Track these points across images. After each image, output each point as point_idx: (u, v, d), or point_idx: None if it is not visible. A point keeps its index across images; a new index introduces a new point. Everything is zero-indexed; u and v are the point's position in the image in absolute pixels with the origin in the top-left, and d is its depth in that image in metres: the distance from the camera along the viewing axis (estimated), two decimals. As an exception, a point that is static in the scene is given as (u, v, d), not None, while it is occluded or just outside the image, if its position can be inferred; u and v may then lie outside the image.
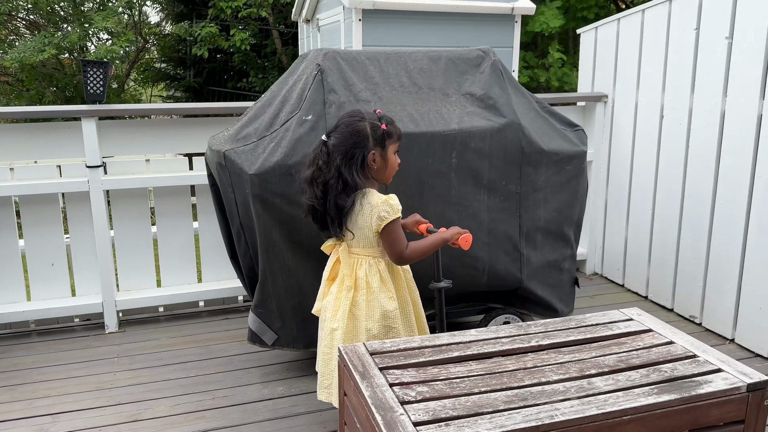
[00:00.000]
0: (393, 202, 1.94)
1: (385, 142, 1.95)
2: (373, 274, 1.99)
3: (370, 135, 1.93)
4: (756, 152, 2.76)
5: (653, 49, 3.31)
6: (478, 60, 2.64)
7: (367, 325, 1.97)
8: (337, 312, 2.00)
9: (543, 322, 1.88)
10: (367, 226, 1.95)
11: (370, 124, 1.93)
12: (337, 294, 2.02)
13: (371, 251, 2.00)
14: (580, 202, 2.72)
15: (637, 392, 1.49)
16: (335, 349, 1.99)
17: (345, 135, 1.92)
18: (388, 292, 2.00)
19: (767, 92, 2.68)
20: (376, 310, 1.97)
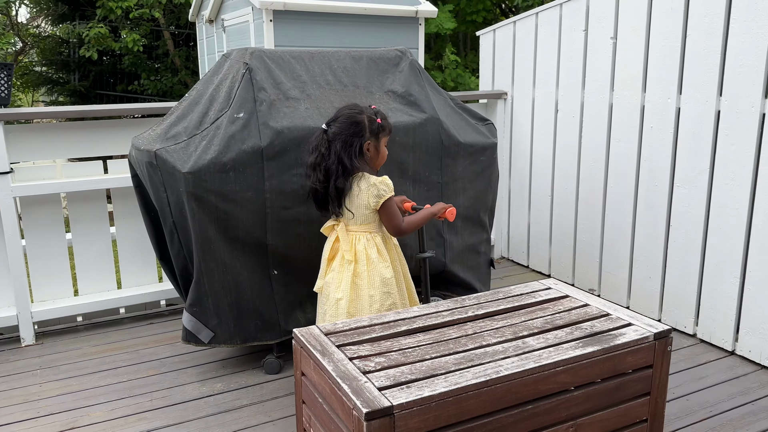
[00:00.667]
0: (388, 182, 2.19)
1: (379, 134, 2.21)
2: (371, 247, 2.22)
3: (367, 126, 2.18)
4: (640, 140, 3.13)
5: (547, 49, 3.64)
6: (397, 59, 2.81)
7: (370, 292, 2.20)
8: (341, 283, 2.21)
9: (475, 296, 2.08)
10: (365, 205, 2.19)
11: (367, 117, 2.19)
12: (339, 268, 2.23)
13: (368, 227, 2.23)
14: (493, 189, 2.96)
15: (566, 347, 1.70)
16: (340, 317, 2.20)
17: (345, 125, 2.17)
18: (385, 262, 2.23)
19: (648, 86, 3.05)
20: (376, 278, 2.20)
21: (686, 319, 3.01)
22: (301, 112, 2.48)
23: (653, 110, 3.04)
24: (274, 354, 2.70)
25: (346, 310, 2.21)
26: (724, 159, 2.73)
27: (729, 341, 2.82)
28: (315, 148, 2.19)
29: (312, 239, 2.52)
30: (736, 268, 2.75)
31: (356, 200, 2.19)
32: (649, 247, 3.14)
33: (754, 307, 2.69)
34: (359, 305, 2.21)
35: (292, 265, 2.57)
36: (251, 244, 2.47)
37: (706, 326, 2.92)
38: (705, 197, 2.84)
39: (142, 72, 10.13)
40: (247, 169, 2.36)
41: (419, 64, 2.82)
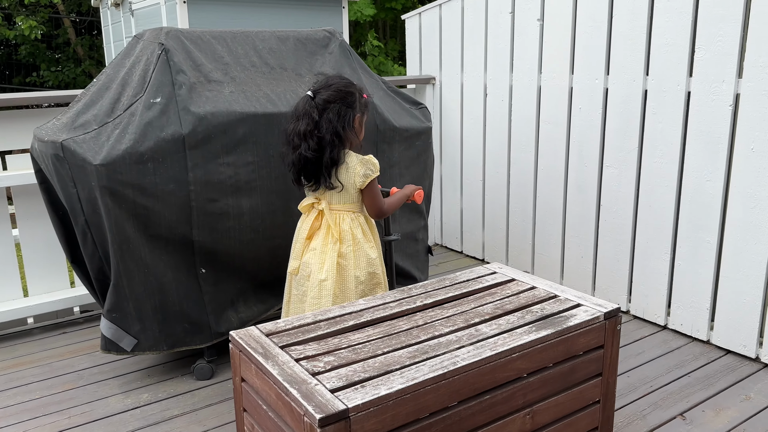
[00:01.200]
0: (374, 160, 2.12)
1: (365, 110, 2.15)
2: (356, 227, 2.15)
3: (358, 99, 2.11)
4: (569, 121, 3.15)
5: (474, 33, 3.60)
6: (326, 41, 2.67)
7: (355, 273, 2.13)
8: (324, 264, 2.12)
9: (422, 285, 1.99)
10: (351, 184, 2.10)
11: (358, 89, 2.13)
12: (322, 248, 2.13)
13: (351, 206, 2.15)
14: (429, 175, 2.89)
15: (519, 332, 1.64)
16: (324, 299, 2.11)
17: (340, 94, 2.06)
18: (370, 242, 2.17)
19: (576, 67, 3.06)
20: (362, 258, 2.14)
21: (619, 296, 3.07)
22: (225, 96, 2.30)
23: (581, 92, 3.06)
24: (205, 358, 2.52)
25: (332, 292, 2.11)
26: (652, 138, 2.78)
27: (661, 316, 2.89)
28: (304, 115, 2.04)
29: (243, 233, 2.36)
30: (666, 245, 2.81)
31: (344, 176, 2.09)
32: (581, 227, 3.18)
33: (684, 282, 2.76)
34: (344, 286, 2.13)
35: (222, 262, 2.40)
36: (175, 241, 2.27)
37: (638, 302, 2.98)
38: (634, 176, 2.89)
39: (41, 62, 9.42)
40: (167, 159, 2.16)
41: (349, 45, 2.69)
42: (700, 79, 2.56)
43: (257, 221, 2.38)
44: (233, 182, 2.29)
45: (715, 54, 2.49)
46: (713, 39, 2.48)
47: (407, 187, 2.33)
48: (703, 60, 2.54)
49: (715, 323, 2.68)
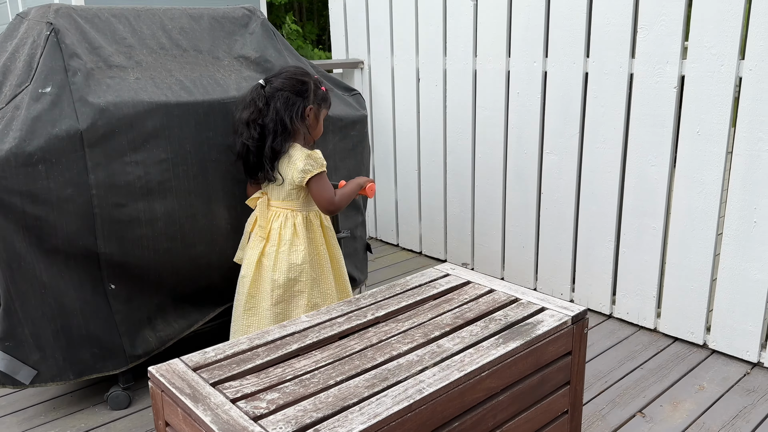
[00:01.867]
0: (317, 155, 2.01)
1: (321, 104, 2.06)
2: (287, 227, 2.03)
3: (312, 90, 2.02)
4: (507, 107, 3.01)
5: (404, 14, 3.40)
6: (245, 19, 2.38)
7: (273, 276, 2.03)
8: (248, 260, 2.06)
9: (371, 293, 1.78)
10: (289, 180, 2.00)
11: (313, 81, 2.04)
12: (251, 244, 2.07)
13: (289, 204, 2.05)
14: (366, 166, 2.67)
15: (486, 345, 1.46)
16: (240, 295, 2.09)
17: (290, 83, 1.99)
18: (298, 246, 2.04)
19: (513, 50, 2.92)
20: (283, 262, 2.02)
21: (562, 286, 2.98)
22: (130, 84, 1.97)
23: (519, 75, 2.92)
24: (121, 385, 2.20)
25: (247, 290, 2.07)
26: (594, 122, 2.68)
27: (606, 305, 2.83)
28: (250, 103, 1.98)
29: (158, 241, 2.06)
30: (610, 232, 2.74)
31: (284, 169, 2.01)
32: (521, 217, 3.06)
33: (630, 270, 2.70)
34: (261, 287, 2.07)
35: (135, 275, 2.08)
36: (77, 255, 1.94)
37: (582, 291, 2.90)
38: (576, 162, 2.79)
39: None
40: (62, 160, 1.83)
41: (271, 25, 2.42)
42: (643, 61, 2.47)
43: (174, 227, 2.08)
44: (143, 184, 1.98)
45: (659, 34, 2.40)
46: (656, 19, 2.40)
47: (358, 178, 2.17)
48: (646, 41, 2.45)
49: (662, 311, 2.64)
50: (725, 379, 2.29)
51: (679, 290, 2.55)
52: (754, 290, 2.33)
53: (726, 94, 2.27)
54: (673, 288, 2.57)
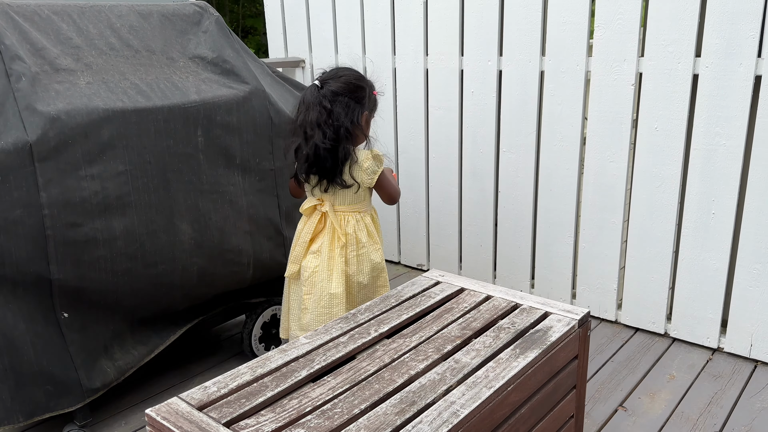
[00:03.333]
0: (379, 154, 2.00)
1: (373, 109, 2.01)
2: (360, 229, 2.00)
3: (368, 96, 1.96)
4: (461, 106, 2.99)
5: (348, 10, 3.29)
6: (197, 16, 2.20)
7: (358, 279, 1.99)
8: (333, 274, 1.97)
9: (365, 307, 1.68)
10: (361, 182, 1.96)
11: (369, 86, 1.98)
12: (329, 254, 1.97)
13: (357, 207, 2.00)
14: (327, 171, 2.56)
15: (505, 357, 1.41)
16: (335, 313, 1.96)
17: (350, 87, 1.92)
18: (375, 244, 2.03)
19: (466, 48, 2.89)
20: (366, 263, 2.00)
21: (521, 283, 3.00)
22: (81, 89, 1.76)
23: (473, 74, 2.90)
24: (77, 423, 1.98)
25: (344, 304, 1.97)
26: (551, 120, 2.71)
27: (567, 300, 2.87)
28: (314, 105, 1.88)
29: (117, 262, 1.86)
30: (569, 228, 2.77)
31: (357, 174, 1.94)
32: (478, 216, 3.05)
33: (589, 264, 2.75)
34: (351, 296, 2.01)
35: (90, 301, 1.87)
36: (27, 282, 1.72)
37: (542, 288, 2.93)
38: (533, 160, 2.81)
39: None
40: (9, 177, 1.60)
41: (225, 23, 2.25)
42: (601, 59, 2.51)
43: (134, 246, 1.89)
44: (101, 199, 1.78)
45: (616, 32, 2.45)
46: (613, 17, 2.44)
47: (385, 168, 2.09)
48: (603, 39, 2.49)
49: (622, 302, 2.71)
50: (692, 367, 2.37)
51: (639, 282, 2.62)
52: (713, 279, 2.43)
53: (683, 90, 2.34)
54: (633, 280, 2.64)
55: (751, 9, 2.14)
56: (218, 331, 2.75)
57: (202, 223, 2.03)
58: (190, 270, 2.04)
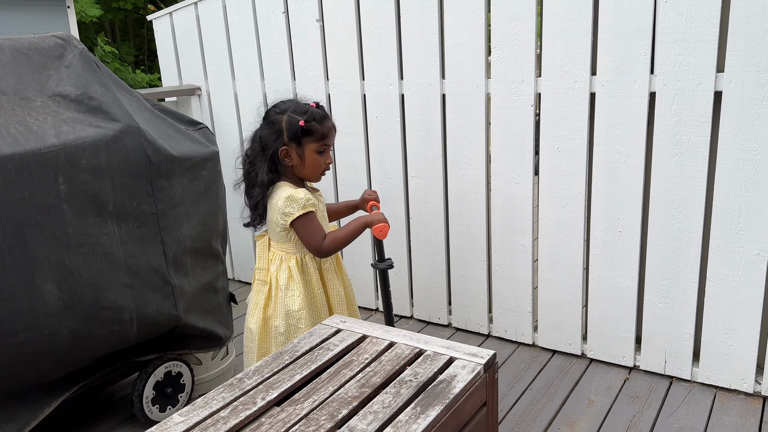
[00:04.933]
0: (299, 196, 1.87)
1: (301, 140, 1.87)
2: (282, 270, 1.95)
3: (285, 129, 1.88)
4: (366, 131, 2.88)
5: (243, 35, 3.13)
6: (59, 50, 1.98)
7: (275, 323, 1.95)
8: (255, 310, 1.99)
9: (256, 368, 1.51)
10: (274, 221, 1.91)
11: (288, 117, 1.88)
12: (255, 287, 2.01)
13: (284, 247, 1.96)
14: (223, 209, 2.38)
15: (404, 420, 1.28)
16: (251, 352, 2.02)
17: (264, 126, 1.92)
18: (293, 290, 1.94)
19: (366, 73, 2.79)
20: (281, 308, 1.94)
21: (439, 310, 2.91)
22: None
23: (376, 99, 2.80)
24: None
25: (256, 347, 1.99)
26: (456, 143, 2.63)
27: (484, 325, 2.79)
28: (252, 138, 1.95)
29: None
30: (481, 252, 2.70)
31: (269, 211, 1.93)
32: (392, 244, 2.94)
33: (503, 287, 2.68)
34: (267, 335, 1.99)
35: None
36: None
37: (459, 314, 2.85)
38: (442, 184, 2.73)
39: None
40: None
41: (93, 54, 2.04)
42: (499, 80, 2.46)
43: (-12, 313, 1.64)
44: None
45: (512, 53, 2.40)
46: (509, 38, 2.40)
47: (361, 217, 1.97)
48: (500, 60, 2.44)
49: (538, 325, 2.65)
50: (609, 389, 2.33)
51: (553, 303, 2.57)
52: (624, 297, 2.41)
53: (581, 110, 2.32)
54: (546, 302, 2.59)
55: (641, 27, 2.14)
56: (111, 391, 2.49)
57: (71, 281, 1.80)
58: (60, 335, 1.80)
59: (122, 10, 9.00)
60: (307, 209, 1.87)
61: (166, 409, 2.23)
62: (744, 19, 1.97)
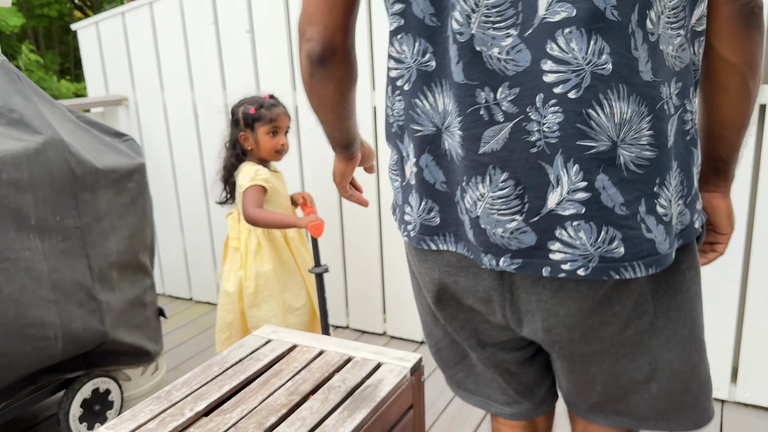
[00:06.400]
0: (251, 171, 2.20)
1: (253, 125, 2.23)
2: (252, 238, 2.26)
3: (241, 118, 2.24)
4: (299, 141, 2.90)
5: (172, 45, 3.10)
6: (-26, 60, 1.92)
7: (245, 284, 2.26)
8: (230, 273, 2.31)
9: (184, 380, 1.51)
10: (239, 195, 2.24)
11: (243, 108, 2.25)
12: (230, 257, 2.32)
13: None
14: (150, 222, 2.34)
15: (331, 424, 1.31)
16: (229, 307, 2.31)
17: (228, 125, 2.33)
18: (261, 255, 2.25)
19: (298, 84, 2.82)
20: (251, 270, 2.24)
21: (374, 319, 2.95)
22: None
23: (308, 109, 2.83)
24: None
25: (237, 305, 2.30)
26: (387, 153, 2.70)
27: (419, 332, 2.86)
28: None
29: None
30: (413, 260, 2.77)
31: (237, 191, 2.28)
32: (326, 254, 2.97)
33: (435, 294, 2.75)
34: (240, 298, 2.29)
35: None
36: None
37: (394, 322, 2.90)
38: (375, 194, 2.78)
39: None
40: None
41: (13, 66, 1.98)
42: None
43: None
44: None
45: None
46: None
47: (293, 218, 2.18)
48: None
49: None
50: (535, 388, 2.43)
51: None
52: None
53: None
54: (476, 306, 2.68)
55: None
56: (36, 410, 2.41)
57: None
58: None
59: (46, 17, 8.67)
60: (255, 182, 2.17)
61: (94, 426, 2.18)
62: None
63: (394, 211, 1.09)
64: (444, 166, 0.93)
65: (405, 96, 0.94)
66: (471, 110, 0.85)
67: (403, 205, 1.02)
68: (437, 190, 0.94)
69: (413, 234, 1.00)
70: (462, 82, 0.85)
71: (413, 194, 0.98)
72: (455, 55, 0.85)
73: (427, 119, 0.92)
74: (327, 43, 0.95)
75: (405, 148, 0.98)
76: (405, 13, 0.90)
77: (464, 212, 0.91)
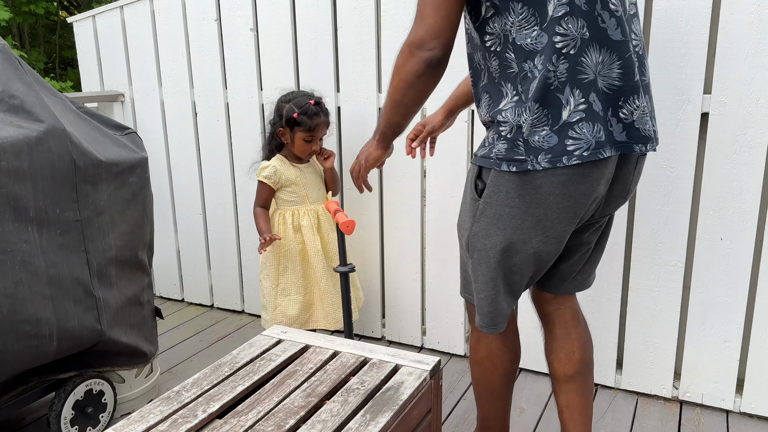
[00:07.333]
0: (263, 165, 2.45)
1: (293, 127, 2.39)
2: (275, 216, 2.50)
3: (284, 116, 2.39)
4: (300, 142, 2.84)
5: (172, 41, 3.03)
6: (-25, 44, 1.84)
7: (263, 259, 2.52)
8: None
9: (193, 380, 1.44)
10: None
11: (288, 107, 2.38)
12: None
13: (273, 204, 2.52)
14: (150, 218, 2.26)
15: (354, 427, 1.26)
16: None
17: (276, 107, 2.46)
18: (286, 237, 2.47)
19: (302, 83, 2.77)
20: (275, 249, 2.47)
21: (373, 323, 2.89)
22: None
23: (310, 109, 2.78)
24: None
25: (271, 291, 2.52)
26: (391, 157, 2.65)
27: (417, 337, 2.81)
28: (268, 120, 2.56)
29: None
30: (416, 264, 2.72)
31: None
32: (325, 257, 2.91)
33: (437, 299, 2.71)
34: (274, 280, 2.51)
35: None
36: None
37: (393, 327, 2.85)
38: (377, 198, 2.73)
39: None
40: None
41: (14, 53, 1.91)
42: (434, 96, 2.51)
43: None
44: None
45: (447, 72, 2.46)
46: (445, 54, 2.45)
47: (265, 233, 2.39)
48: (436, 75, 2.49)
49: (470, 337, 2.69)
50: (539, 397, 2.39)
51: (486, 315, 2.62)
52: (552, 307, 2.48)
53: (514, 126, 2.39)
54: (479, 313, 2.64)
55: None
56: (23, 412, 2.31)
57: None
58: None
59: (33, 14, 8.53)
60: (260, 178, 2.43)
61: (86, 430, 2.09)
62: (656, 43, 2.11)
63: (533, 158, 1.34)
64: (601, 99, 1.35)
65: (570, 58, 1.31)
66: (627, 55, 1.36)
67: (564, 140, 1.33)
68: (599, 115, 1.34)
69: (587, 153, 1.33)
70: (620, 40, 1.35)
71: (583, 123, 1.33)
72: (614, 24, 1.35)
73: (590, 69, 1.33)
74: (447, 52, 1.34)
75: (566, 97, 1.32)
76: (570, 3, 1.30)
77: (617, 123, 1.37)
